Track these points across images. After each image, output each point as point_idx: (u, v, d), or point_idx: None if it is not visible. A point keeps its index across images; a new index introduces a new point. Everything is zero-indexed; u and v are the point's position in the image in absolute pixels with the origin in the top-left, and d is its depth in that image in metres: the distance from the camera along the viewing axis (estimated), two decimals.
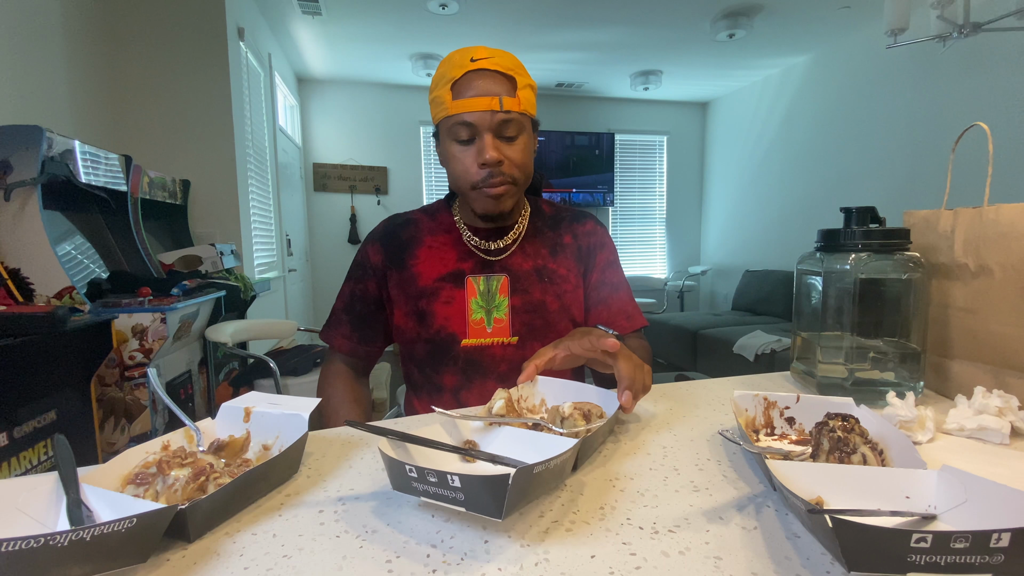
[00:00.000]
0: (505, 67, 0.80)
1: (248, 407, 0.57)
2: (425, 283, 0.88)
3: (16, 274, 1.47)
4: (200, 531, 0.41)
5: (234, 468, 0.49)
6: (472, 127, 0.79)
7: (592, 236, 0.97)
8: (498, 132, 0.80)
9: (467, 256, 0.90)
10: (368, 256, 0.93)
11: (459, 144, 0.81)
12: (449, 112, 0.79)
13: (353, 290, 0.94)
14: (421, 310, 0.88)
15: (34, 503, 0.40)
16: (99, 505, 0.41)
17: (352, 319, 0.94)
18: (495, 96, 0.78)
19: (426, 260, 0.90)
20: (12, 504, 0.39)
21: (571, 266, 0.93)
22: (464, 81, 0.79)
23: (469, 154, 0.81)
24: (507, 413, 0.60)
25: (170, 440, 0.51)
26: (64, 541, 0.31)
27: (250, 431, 0.56)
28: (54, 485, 0.42)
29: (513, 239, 0.91)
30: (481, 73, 0.79)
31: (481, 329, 0.87)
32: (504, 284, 0.88)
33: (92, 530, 0.33)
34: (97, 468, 0.45)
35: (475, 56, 0.79)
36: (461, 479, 0.38)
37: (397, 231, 0.94)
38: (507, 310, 0.88)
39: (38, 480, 0.42)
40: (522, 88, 0.81)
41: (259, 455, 0.54)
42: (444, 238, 0.92)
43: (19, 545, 0.30)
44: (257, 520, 0.43)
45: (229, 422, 0.57)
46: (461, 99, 0.78)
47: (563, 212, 0.98)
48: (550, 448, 0.49)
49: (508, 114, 0.79)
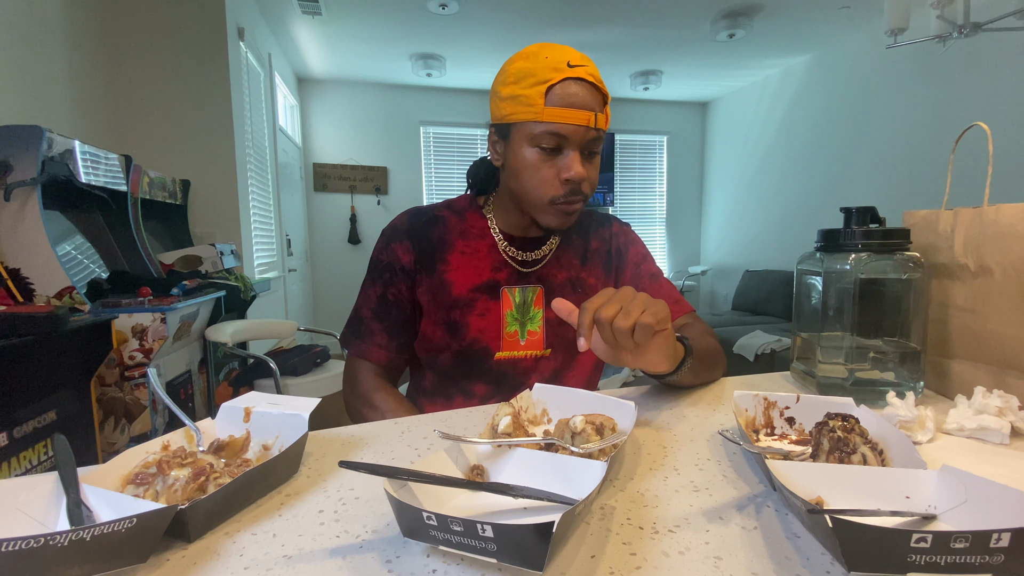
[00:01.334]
0: (597, 79, 0.74)
1: (248, 407, 0.57)
2: (459, 293, 0.83)
3: (16, 274, 1.47)
4: (200, 531, 0.41)
5: (234, 468, 0.49)
6: (563, 139, 0.73)
7: (619, 237, 0.94)
8: (586, 148, 0.76)
9: (502, 266, 0.85)
10: (398, 256, 0.85)
11: (542, 153, 0.75)
12: (541, 118, 0.73)
13: (384, 294, 0.86)
14: (454, 321, 0.83)
15: (34, 503, 0.40)
16: (99, 505, 0.41)
17: (388, 326, 0.86)
18: (592, 112, 0.73)
19: (459, 267, 0.85)
20: (12, 504, 0.39)
21: (599, 275, 0.91)
22: (561, 88, 0.72)
23: (552, 166, 0.75)
24: (514, 431, 0.54)
25: (170, 440, 0.51)
26: (64, 541, 0.31)
27: (250, 431, 0.56)
28: (54, 485, 0.42)
29: (549, 250, 0.88)
30: (580, 83, 0.73)
31: (515, 342, 0.84)
32: (539, 296, 0.85)
33: (92, 530, 0.33)
34: (97, 468, 0.44)
35: (572, 60, 0.73)
36: (494, 529, 0.33)
37: (426, 230, 0.87)
38: (541, 322, 0.85)
39: (38, 480, 0.41)
40: (608, 103, 0.77)
41: (259, 455, 0.54)
42: (478, 244, 0.86)
43: (19, 545, 0.30)
44: (257, 520, 0.43)
45: (229, 422, 0.57)
46: (557, 107, 0.72)
47: (587, 217, 0.95)
48: (572, 472, 0.45)
49: (599, 132, 0.75)
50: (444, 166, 5.04)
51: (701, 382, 0.78)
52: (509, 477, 0.47)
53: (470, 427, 0.63)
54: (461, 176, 5.08)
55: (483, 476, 0.47)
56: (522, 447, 0.49)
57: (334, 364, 2.48)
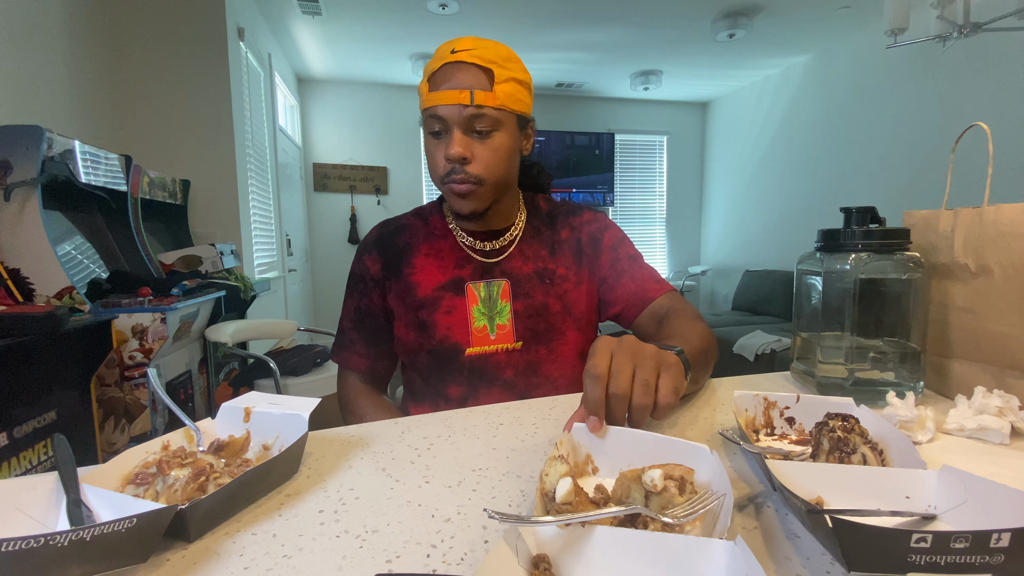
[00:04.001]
0: (485, 59, 0.76)
1: (248, 407, 0.57)
2: (424, 293, 0.86)
3: (16, 274, 1.47)
4: (200, 531, 0.41)
5: (234, 468, 0.49)
6: (443, 121, 0.76)
7: (591, 224, 0.94)
8: (468, 127, 0.77)
9: (465, 262, 0.87)
10: (367, 267, 0.90)
11: (432, 137, 0.79)
12: (424, 104, 0.77)
13: (358, 305, 0.91)
14: (422, 321, 0.85)
15: (34, 503, 0.40)
16: (99, 505, 0.41)
17: (364, 336, 0.91)
18: (466, 89, 0.75)
19: (423, 268, 0.87)
20: (12, 504, 0.39)
21: (570, 264, 0.91)
22: (440, 73, 0.76)
23: (440, 148, 0.78)
24: (574, 497, 0.37)
25: (170, 440, 0.51)
26: (64, 541, 0.31)
27: (250, 431, 0.56)
28: (54, 485, 0.42)
29: (510, 240, 0.89)
30: (458, 66, 0.76)
31: (484, 337, 0.85)
32: (505, 289, 0.86)
33: (92, 530, 0.33)
34: (97, 468, 0.45)
35: (456, 48, 0.76)
36: None
37: (391, 238, 0.91)
38: (510, 316, 0.85)
39: (38, 480, 0.42)
40: (503, 81, 0.76)
41: (259, 455, 0.54)
42: (440, 244, 0.89)
43: (19, 545, 0.30)
44: (257, 520, 0.43)
45: (229, 422, 0.56)
46: (435, 91, 0.76)
47: (559, 208, 0.96)
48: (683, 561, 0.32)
49: (480, 108, 0.75)
50: None
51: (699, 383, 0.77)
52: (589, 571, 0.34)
53: (470, 427, 0.63)
54: None
55: (551, 573, 0.33)
56: (598, 523, 0.35)
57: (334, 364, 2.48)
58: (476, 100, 0.75)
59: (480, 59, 0.76)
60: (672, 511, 0.38)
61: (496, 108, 0.77)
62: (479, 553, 0.38)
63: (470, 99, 0.74)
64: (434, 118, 0.77)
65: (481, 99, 0.75)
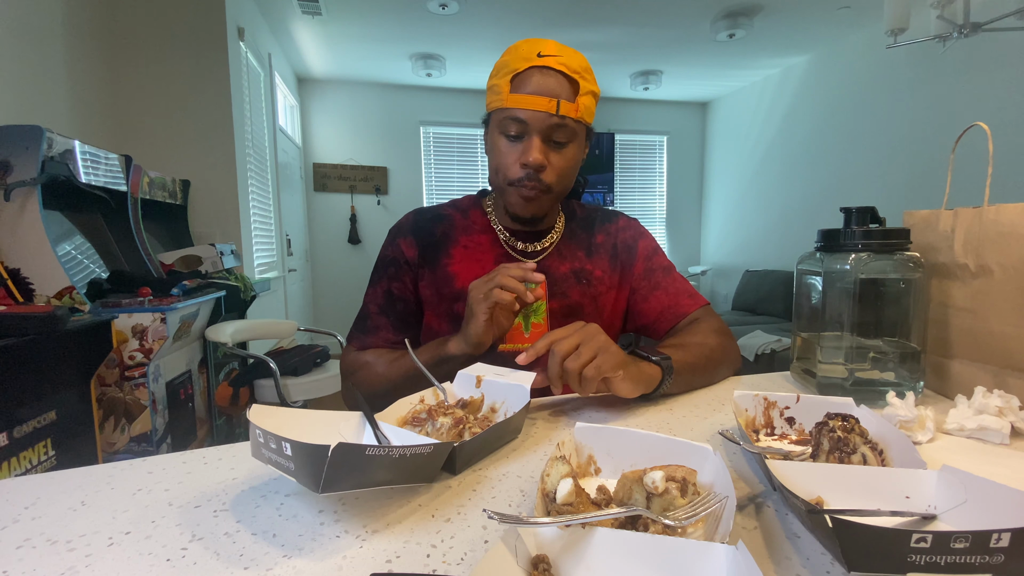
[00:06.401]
0: (571, 69, 0.76)
1: (479, 375, 0.66)
2: (463, 285, 0.84)
3: (16, 274, 1.47)
4: (464, 466, 0.51)
5: (480, 422, 0.59)
6: (524, 124, 0.76)
7: (627, 230, 0.95)
8: (548, 136, 0.77)
9: (504, 259, 0.87)
10: (402, 250, 0.88)
11: (507, 138, 0.78)
12: (504, 104, 0.76)
13: (389, 288, 0.88)
14: (457, 313, 0.84)
15: (349, 430, 0.53)
16: (392, 436, 0.52)
17: (393, 320, 0.88)
18: (554, 98, 0.75)
19: (462, 260, 0.87)
20: (335, 428, 0.52)
21: (606, 267, 0.91)
22: (526, 75, 0.75)
23: (514, 151, 0.78)
24: (575, 498, 0.37)
25: (424, 396, 0.62)
26: (395, 454, 0.41)
27: (484, 394, 0.65)
28: (360, 419, 0.54)
29: (551, 242, 0.89)
30: (545, 71, 0.75)
31: (519, 334, 0.84)
32: (542, 287, 0.87)
33: (407, 450, 0.42)
34: (383, 412, 0.56)
35: (543, 51, 0.76)
36: None
37: (429, 226, 0.89)
38: (545, 314, 0.85)
39: (350, 414, 0.55)
40: (584, 94, 0.77)
41: (485, 415, 0.63)
42: (480, 238, 0.89)
43: (377, 452, 0.39)
44: (257, 520, 0.43)
45: (463, 386, 0.66)
46: (519, 93, 0.75)
47: (594, 212, 0.97)
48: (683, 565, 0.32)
49: (563, 119, 0.76)
50: (444, 166, 5.04)
51: (698, 388, 0.77)
52: (589, 573, 0.33)
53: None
54: (461, 176, 5.08)
55: (551, 574, 0.33)
56: (599, 525, 0.35)
57: (334, 364, 2.48)
58: (562, 110, 0.75)
59: (567, 68, 0.76)
60: (673, 513, 0.38)
61: (576, 120, 0.77)
62: (479, 553, 0.38)
63: (556, 108, 0.75)
64: (514, 120, 0.76)
65: (566, 109, 0.75)
